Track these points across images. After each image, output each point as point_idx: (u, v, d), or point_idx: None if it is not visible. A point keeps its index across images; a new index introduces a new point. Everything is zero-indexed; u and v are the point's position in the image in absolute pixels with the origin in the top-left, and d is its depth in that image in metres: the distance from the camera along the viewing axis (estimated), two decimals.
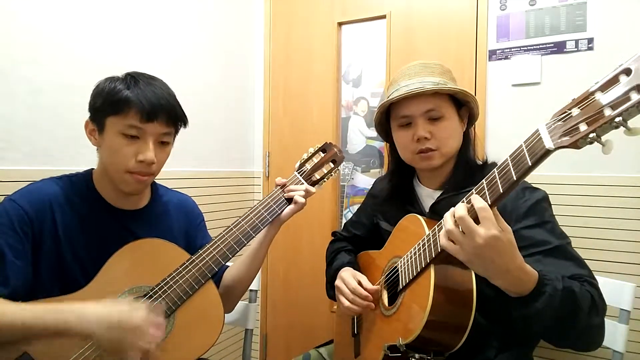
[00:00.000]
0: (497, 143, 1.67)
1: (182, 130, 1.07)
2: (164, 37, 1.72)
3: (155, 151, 0.98)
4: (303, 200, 1.13)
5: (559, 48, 1.59)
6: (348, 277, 1.12)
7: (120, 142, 0.96)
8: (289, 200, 1.14)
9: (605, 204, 1.50)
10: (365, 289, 1.07)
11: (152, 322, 0.86)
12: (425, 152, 1.06)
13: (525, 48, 1.64)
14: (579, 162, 1.53)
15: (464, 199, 0.79)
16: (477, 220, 0.74)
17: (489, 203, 0.75)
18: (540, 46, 1.61)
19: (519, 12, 1.65)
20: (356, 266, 1.22)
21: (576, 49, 1.56)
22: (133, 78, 0.98)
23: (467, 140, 1.13)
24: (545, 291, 0.79)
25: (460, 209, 0.76)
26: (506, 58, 1.67)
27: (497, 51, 1.69)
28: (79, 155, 1.01)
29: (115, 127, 0.95)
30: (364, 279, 1.10)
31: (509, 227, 0.76)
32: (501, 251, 0.74)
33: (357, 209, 1.40)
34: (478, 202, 0.74)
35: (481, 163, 1.12)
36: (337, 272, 1.18)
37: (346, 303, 1.09)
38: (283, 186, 1.15)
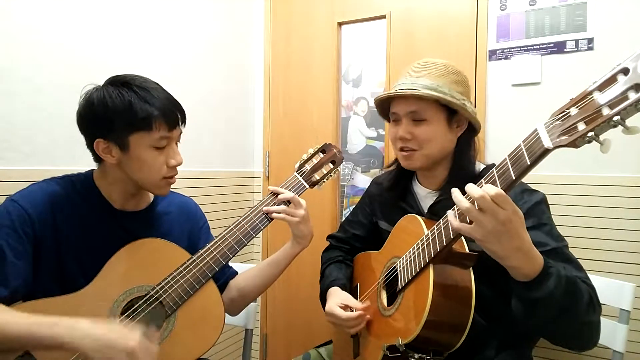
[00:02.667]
0: (497, 143, 1.67)
1: (182, 131, 1.07)
2: (164, 37, 1.72)
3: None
4: (282, 216, 1.12)
5: (559, 48, 1.59)
6: (333, 307, 1.09)
7: (152, 154, 0.97)
8: (287, 202, 1.14)
9: (605, 204, 1.50)
10: (354, 309, 1.07)
11: (146, 349, 0.83)
12: (406, 150, 1.09)
13: (525, 48, 1.64)
14: (579, 162, 1.53)
15: (480, 181, 0.78)
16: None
17: None
18: (540, 46, 1.61)
19: (519, 12, 1.65)
20: (342, 280, 1.22)
21: (576, 49, 1.56)
22: (139, 87, 0.96)
23: (463, 148, 1.10)
24: (552, 272, 0.79)
25: (476, 189, 0.74)
26: (506, 58, 1.67)
27: (497, 51, 1.69)
28: (79, 155, 1.01)
29: (144, 142, 0.96)
30: (350, 301, 1.10)
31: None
32: (518, 227, 0.75)
33: (354, 208, 1.39)
34: (491, 189, 0.72)
35: (482, 168, 1.10)
36: (325, 293, 1.20)
37: (350, 331, 1.09)
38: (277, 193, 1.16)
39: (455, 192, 0.78)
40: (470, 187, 0.75)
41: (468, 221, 0.77)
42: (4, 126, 1.22)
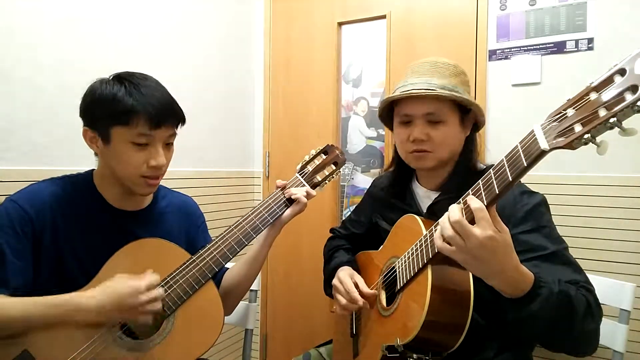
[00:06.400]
0: (497, 143, 1.67)
1: (182, 131, 1.07)
2: (164, 37, 1.72)
3: (163, 153, 1.00)
4: (305, 200, 1.12)
5: (559, 48, 1.59)
6: (345, 276, 1.12)
7: (130, 150, 0.96)
8: (290, 201, 1.14)
9: (604, 204, 1.50)
10: (361, 292, 1.07)
11: (146, 286, 0.90)
12: (419, 152, 1.06)
13: (525, 48, 1.64)
14: (579, 162, 1.53)
15: (460, 200, 0.80)
16: (473, 221, 0.74)
17: (485, 204, 0.75)
18: (540, 46, 1.61)
19: (519, 12, 1.65)
20: (355, 265, 1.22)
21: (576, 49, 1.56)
22: (130, 83, 0.96)
23: (469, 146, 1.11)
24: (540, 293, 0.79)
25: (455, 212, 0.76)
26: (506, 58, 1.67)
27: (497, 51, 1.69)
28: (79, 155, 1.01)
29: (123, 137, 0.95)
30: (360, 281, 1.10)
31: (506, 228, 0.76)
32: (496, 251, 0.74)
33: (356, 207, 1.39)
34: (474, 202, 0.74)
35: (483, 168, 1.10)
36: (335, 271, 1.18)
37: (343, 302, 1.09)
38: (283, 188, 1.15)
39: (444, 217, 0.79)
40: (452, 208, 0.77)
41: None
42: (3, 126, 1.23)
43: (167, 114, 0.98)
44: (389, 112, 1.16)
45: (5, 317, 0.84)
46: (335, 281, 1.14)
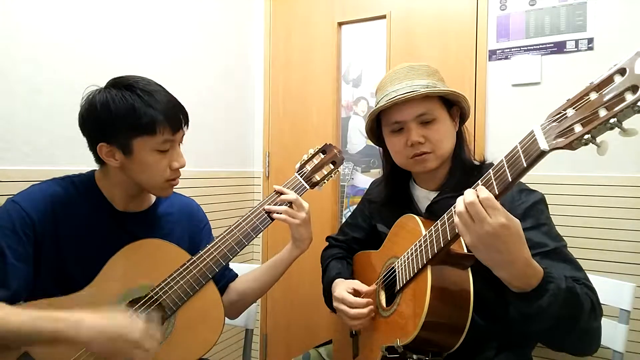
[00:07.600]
0: (497, 143, 1.67)
1: (185, 132, 1.07)
2: (164, 37, 1.72)
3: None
4: (283, 217, 1.12)
5: (559, 48, 1.59)
6: (342, 292, 1.08)
7: (155, 158, 0.97)
8: (289, 202, 1.14)
9: (604, 204, 1.50)
10: (362, 293, 1.06)
11: (150, 335, 0.86)
12: (419, 155, 1.05)
13: (525, 48, 1.64)
14: (579, 162, 1.53)
15: (473, 187, 0.77)
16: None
17: None
18: (540, 46, 1.61)
19: (519, 12, 1.65)
20: (345, 274, 1.21)
21: (576, 49, 1.56)
22: (142, 91, 0.95)
23: (461, 140, 1.12)
24: (549, 289, 0.77)
25: (470, 194, 0.74)
26: (506, 58, 1.67)
27: (497, 51, 1.69)
28: (79, 155, 1.02)
29: (148, 146, 0.96)
30: (357, 284, 1.09)
31: (517, 220, 0.74)
32: (508, 241, 0.72)
33: (353, 211, 1.39)
34: (483, 192, 0.72)
35: (478, 163, 1.11)
36: (330, 285, 1.17)
37: (354, 322, 1.05)
38: (280, 192, 1.16)
39: (460, 198, 0.77)
40: (467, 192, 0.75)
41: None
42: (4, 126, 1.23)
43: (183, 116, 1.01)
44: (376, 124, 1.15)
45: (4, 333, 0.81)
46: (336, 303, 1.10)
